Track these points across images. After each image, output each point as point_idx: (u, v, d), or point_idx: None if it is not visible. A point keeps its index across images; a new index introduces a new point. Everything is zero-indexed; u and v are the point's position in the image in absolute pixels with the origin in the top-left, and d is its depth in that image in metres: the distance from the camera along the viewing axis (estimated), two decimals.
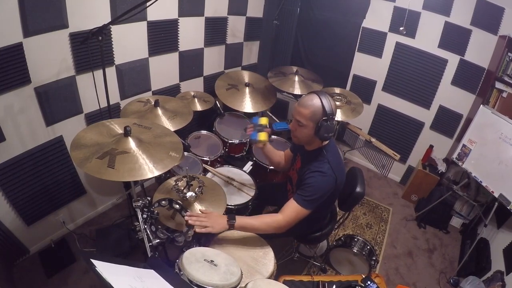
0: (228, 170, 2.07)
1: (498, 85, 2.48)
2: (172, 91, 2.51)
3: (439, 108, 2.92)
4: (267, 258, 1.41)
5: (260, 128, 1.58)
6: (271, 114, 2.95)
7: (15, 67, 1.51)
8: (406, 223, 2.88)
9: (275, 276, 1.40)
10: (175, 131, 1.64)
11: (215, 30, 2.68)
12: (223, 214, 1.45)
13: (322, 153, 1.45)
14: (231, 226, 1.35)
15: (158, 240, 1.21)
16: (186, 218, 1.29)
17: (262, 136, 1.55)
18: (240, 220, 1.37)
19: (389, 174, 3.06)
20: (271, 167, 2.14)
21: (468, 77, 2.69)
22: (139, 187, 2.24)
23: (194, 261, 1.06)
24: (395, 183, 3.44)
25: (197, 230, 1.27)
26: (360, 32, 3.03)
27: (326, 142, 1.48)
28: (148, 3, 1.43)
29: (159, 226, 1.26)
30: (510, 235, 2.21)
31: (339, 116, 2.43)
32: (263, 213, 2.10)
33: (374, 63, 3.08)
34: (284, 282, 1.43)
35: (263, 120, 1.59)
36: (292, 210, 1.40)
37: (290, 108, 3.47)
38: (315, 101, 1.36)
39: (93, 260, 0.72)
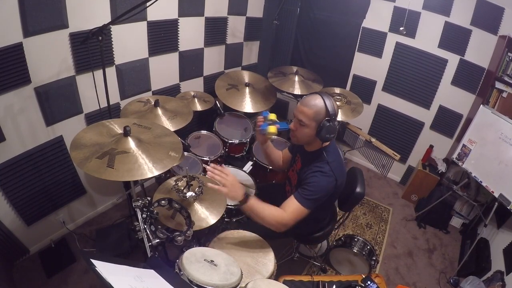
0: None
1: (498, 85, 2.48)
2: (172, 91, 2.51)
3: (439, 108, 2.92)
4: (267, 258, 1.41)
5: (270, 122, 1.59)
6: None
7: (15, 67, 1.51)
8: (406, 223, 2.88)
9: (275, 276, 1.40)
10: (175, 131, 1.64)
11: (215, 30, 2.68)
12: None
13: (323, 155, 1.44)
14: (243, 201, 1.33)
15: (158, 240, 1.21)
16: (208, 167, 1.28)
17: (272, 128, 1.55)
18: (253, 200, 1.35)
19: (389, 174, 3.06)
20: (271, 167, 2.14)
21: (468, 77, 2.69)
22: (139, 187, 2.24)
23: (194, 261, 1.06)
24: (395, 183, 3.44)
25: (209, 185, 1.27)
26: (360, 32, 3.03)
27: (327, 143, 1.48)
28: (148, 3, 1.43)
29: (159, 226, 1.26)
30: (510, 235, 2.21)
31: (339, 116, 2.43)
32: None
33: (374, 63, 3.08)
34: (284, 282, 1.43)
35: (272, 116, 1.61)
36: (292, 208, 1.38)
37: (290, 108, 3.47)
38: (318, 101, 1.36)
39: (93, 260, 0.72)
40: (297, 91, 2.58)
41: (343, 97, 2.59)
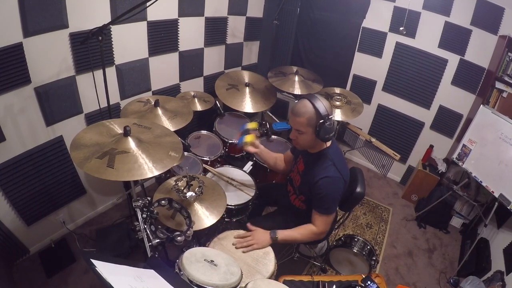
0: (228, 170, 2.07)
1: (498, 85, 2.48)
2: (172, 91, 2.51)
3: (439, 108, 2.92)
4: (267, 258, 1.41)
5: (246, 132, 1.63)
6: (271, 114, 2.95)
7: (15, 67, 1.51)
8: (406, 223, 2.88)
9: (275, 276, 1.40)
10: (175, 131, 1.64)
11: (215, 30, 2.68)
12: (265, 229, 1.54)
13: (326, 155, 1.47)
14: (274, 241, 1.47)
15: (158, 240, 1.21)
16: (234, 243, 1.43)
17: (248, 138, 1.59)
18: (282, 234, 1.49)
19: (389, 174, 3.07)
20: (272, 170, 2.14)
21: (468, 77, 2.69)
22: (139, 187, 2.24)
23: (194, 261, 1.06)
24: (395, 183, 3.43)
25: (244, 250, 1.41)
26: (360, 32, 3.03)
27: (329, 143, 1.49)
28: (148, 3, 1.43)
29: (159, 226, 1.26)
30: (510, 235, 2.21)
31: (339, 116, 2.43)
32: (263, 214, 2.11)
33: (374, 63, 3.08)
34: (284, 282, 1.43)
35: (251, 125, 1.64)
36: (321, 221, 1.49)
37: (290, 108, 3.47)
38: (307, 106, 1.36)
39: (93, 260, 0.72)
40: (297, 91, 2.58)
41: (343, 97, 2.59)
